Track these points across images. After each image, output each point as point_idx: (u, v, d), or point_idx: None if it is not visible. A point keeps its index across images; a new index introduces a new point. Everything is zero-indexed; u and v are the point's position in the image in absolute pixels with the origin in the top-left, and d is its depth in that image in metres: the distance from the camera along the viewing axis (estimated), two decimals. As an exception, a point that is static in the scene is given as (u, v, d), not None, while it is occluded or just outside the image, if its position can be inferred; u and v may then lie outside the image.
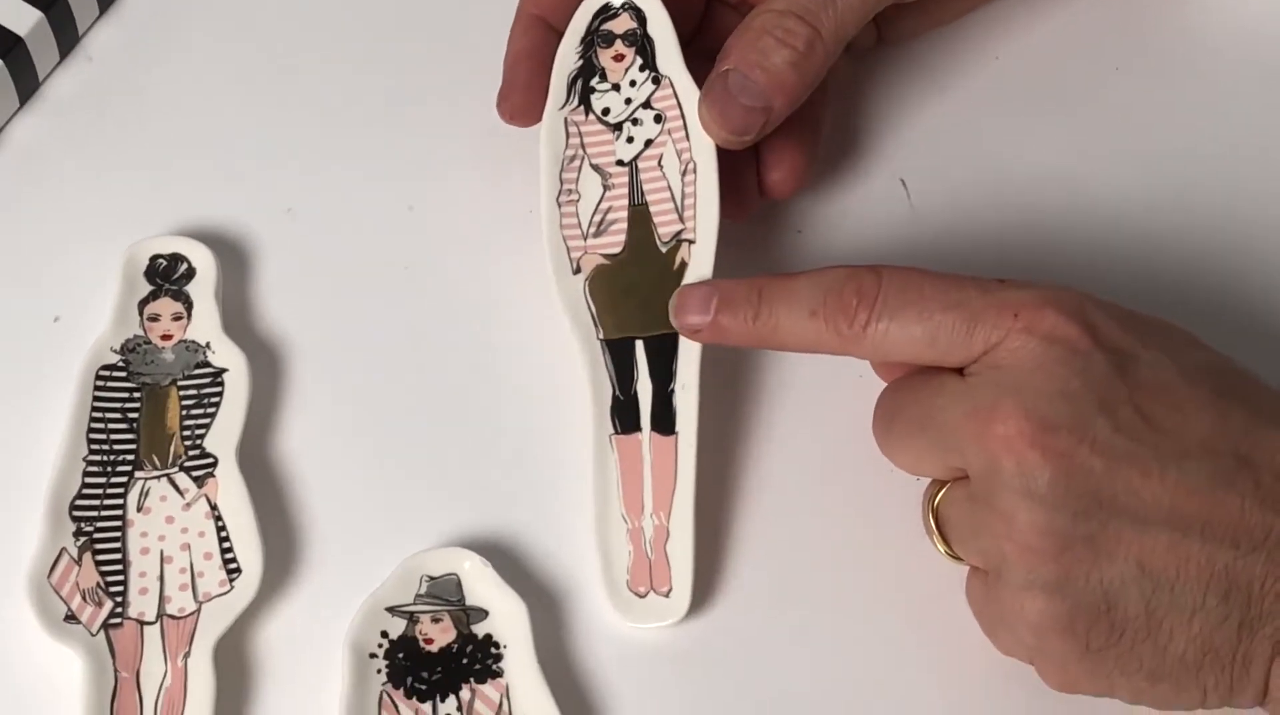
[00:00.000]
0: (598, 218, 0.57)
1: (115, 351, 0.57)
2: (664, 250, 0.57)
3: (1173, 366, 0.47)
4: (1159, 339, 0.48)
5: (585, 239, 0.57)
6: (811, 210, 0.62)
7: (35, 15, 0.62)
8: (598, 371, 0.55)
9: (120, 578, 0.53)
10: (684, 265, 0.56)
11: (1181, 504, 0.45)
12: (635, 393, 0.55)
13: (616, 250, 0.57)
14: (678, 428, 0.54)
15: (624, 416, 0.55)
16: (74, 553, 0.53)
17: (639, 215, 0.57)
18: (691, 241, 0.56)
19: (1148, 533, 0.45)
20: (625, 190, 0.58)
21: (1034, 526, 0.46)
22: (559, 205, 0.57)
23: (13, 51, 0.61)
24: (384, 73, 0.65)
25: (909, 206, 0.61)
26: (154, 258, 0.59)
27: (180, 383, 0.57)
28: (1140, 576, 0.45)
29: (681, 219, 0.57)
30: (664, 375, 0.55)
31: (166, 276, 0.59)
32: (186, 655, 0.52)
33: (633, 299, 0.56)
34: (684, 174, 0.57)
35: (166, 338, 0.57)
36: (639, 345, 0.56)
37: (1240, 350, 0.51)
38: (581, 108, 0.58)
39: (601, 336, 0.56)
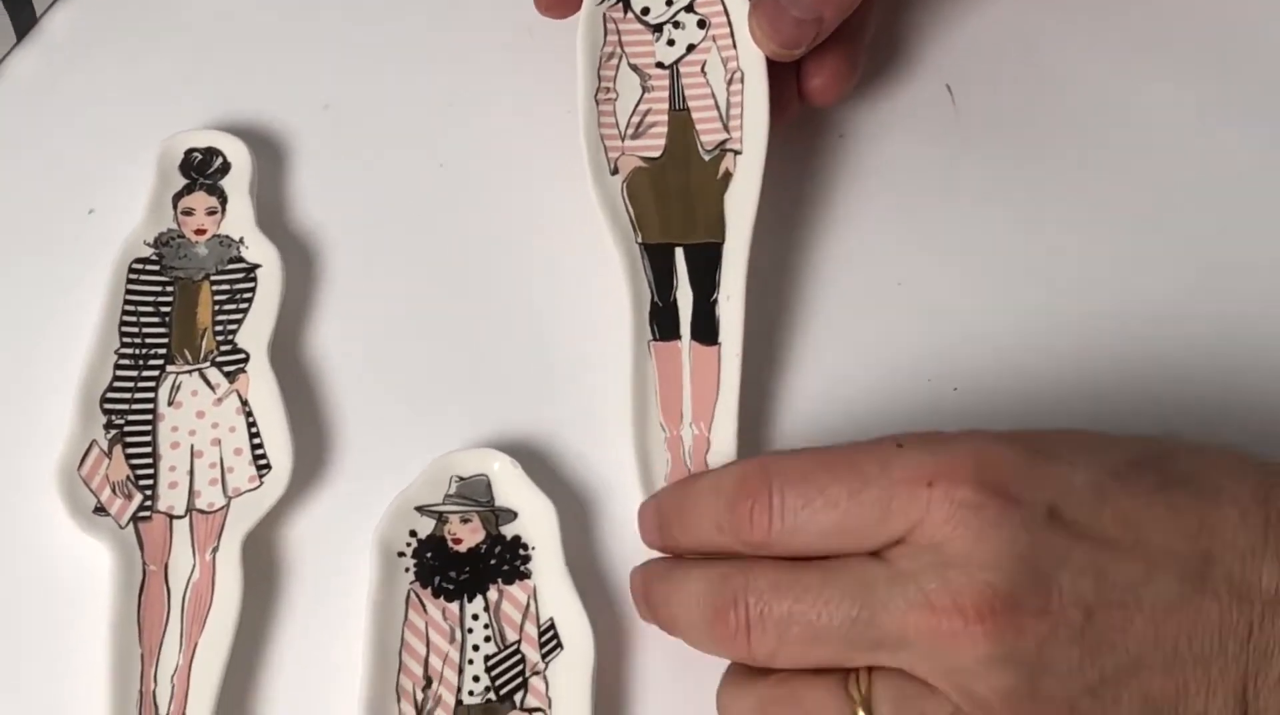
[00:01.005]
0: (636, 119, 0.56)
1: (148, 245, 0.57)
2: (706, 159, 0.55)
3: (1106, 480, 0.45)
4: (1075, 456, 0.45)
5: (623, 140, 0.56)
6: (855, 115, 0.61)
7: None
8: (636, 276, 0.54)
9: (150, 471, 0.53)
10: (728, 176, 0.55)
11: (1165, 629, 0.43)
12: (675, 300, 0.54)
13: (655, 154, 0.56)
14: (721, 338, 0.53)
15: (663, 323, 0.54)
16: (104, 445, 0.53)
17: (680, 121, 0.56)
18: (738, 152, 0.55)
19: (1142, 672, 0.43)
20: (666, 94, 0.56)
21: (1035, 702, 0.44)
22: (596, 103, 0.56)
23: (49, -59, 0.60)
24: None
25: (953, 112, 0.60)
26: (189, 152, 0.59)
27: (213, 278, 0.56)
28: (1146, 709, 0.44)
29: (726, 128, 0.55)
30: (705, 285, 0.54)
31: (201, 170, 0.58)
32: (215, 550, 0.52)
33: (673, 205, 0.55)
34: (729, 82, 0.56)
35: (200, 232, 0.57)
36: (679, 252, 0.55)
37: None
38: (620, 4, 0.57)
39: (640, 240, 0.54)
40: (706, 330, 0.54)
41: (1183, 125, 0.60)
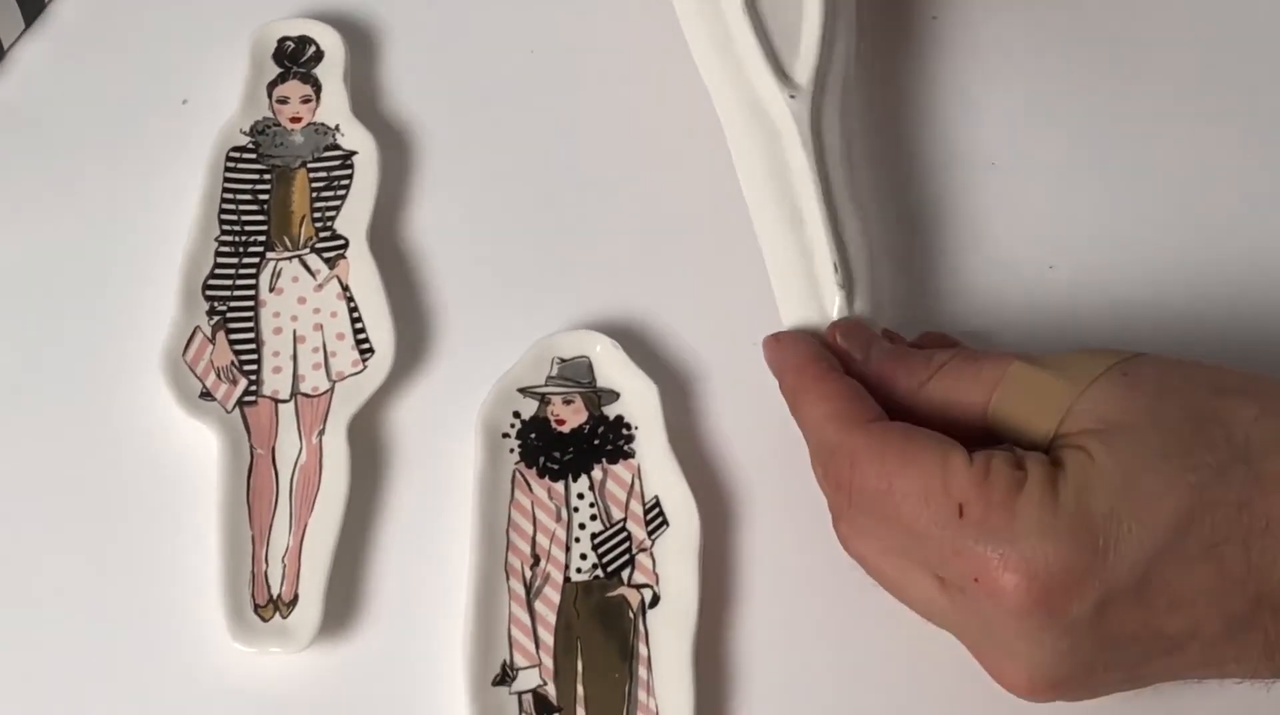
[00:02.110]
0: None
1: (244, 134, 0.58)
2: None
3: (1150, 563, 0.46)
4: (1123, 520, 0.46)
5: None
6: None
7: None
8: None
9: (253, 356, 0.54)
10: None
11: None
12: None
13: None
14: None
15: None
16: (207, 332, 0.54)
17: None
18: None
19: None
20: None
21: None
22: None
23: None
24: None
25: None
26: (282, 40, 0.60)
27: (310, 165, 0.57)
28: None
29: None
30: None
31: (294, 59, 0.59)
32: (321, 432, 0.53)
33: None
34: None
35: (295, 120, 0.58)
36: None
37: None
38: None
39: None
40: None
41: None
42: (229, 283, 0.55)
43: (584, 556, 0.52)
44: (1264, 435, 0.47)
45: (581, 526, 0.52)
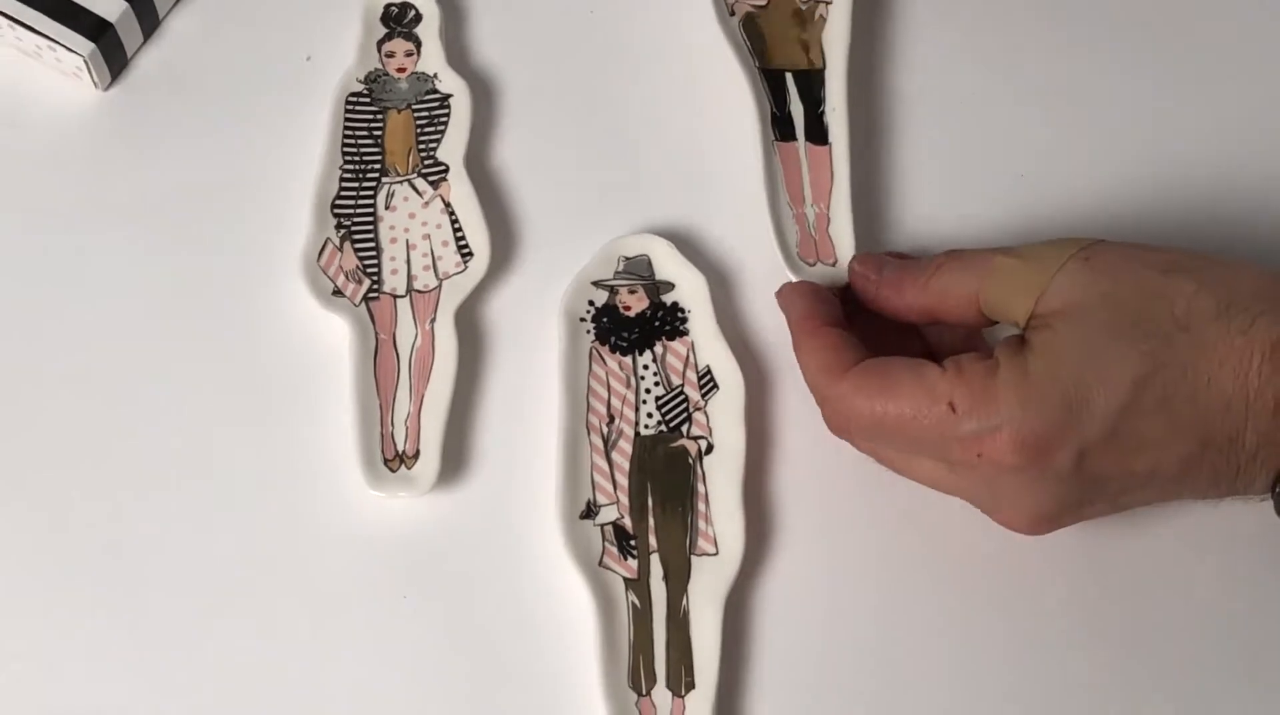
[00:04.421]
0: None
1: (359, 82, 0.62)
2: (804, 8, 0.62)
3: (1116, 417, 0.49)
4: (1093, 386, 0.49)
5: None
6: None
7: None
8: (759, 92, 0.60)
9: (375, 261, 0.58)
10: (821, 20, 0.61)
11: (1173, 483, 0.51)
12: (789, 112, 0.60)
13: (763, 3, 0.62)
14: (830, 140, 0.60)
15: (782, 128, 0.60)
16: (336, 242, 0.58)
17: None
18: (829, 1, 0.62)
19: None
20: None
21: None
22: None
23: None
24: None
25: None
26: (388, 5, 0.64)
27: (414, 106, 0.61)
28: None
29: None
30: (812, 100, 0.60)
31: (399, 20, 0.63)
32: (433, 321, 0.57)
33: (781, 42, 0.62)
34: None
35: (401, 70, 0.62)
36: (789, 78, 0.61)
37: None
38: None
39: (758, 65, 0.61)
40: (817, 134, 0.60)
41: None
42: (351, 203, 0.59)
43: (650, 415, 0.56)
44: (1201, 307, 0.49)
45: (647, 391, 0.56)
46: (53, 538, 0.55)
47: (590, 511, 0.54)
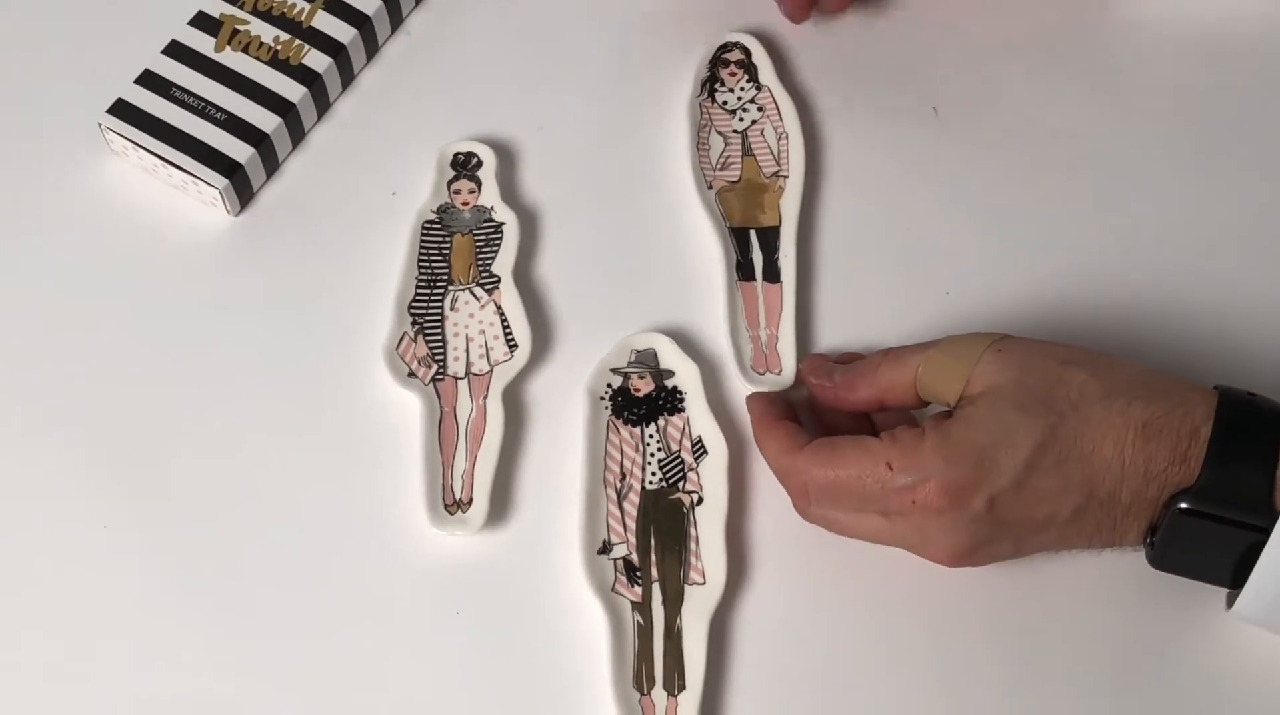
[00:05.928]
0: (720, 159, 0.73)
1: (433, 212, 0.69)
2: (765, 181, 0.71)
3: (1024, 473, 0.53)
4: (1002, 453, 0.54)
5: (714, 171, 0.72)
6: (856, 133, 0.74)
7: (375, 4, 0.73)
8: (726, 245, 0.69)
9: (441, 350, 0.65)
10: (780, 189, 0.70)
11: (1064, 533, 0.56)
12: (750, 259, 0.69)
13: (735, 179, 0.72)
14: (781, 279, 0.68)
15: (744, 271, 0.69)
16: (411, 335, 0.65)
17: (749, 161, 0.72)
18: (786, 176, 0.71)
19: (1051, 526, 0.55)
20: (739, 146, 0.72)
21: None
22: (697, 152, 0.72)
23: (365, 25, 0.72)
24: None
25: (937, 121, 0.73)
26: (456, 154, 0.71)
27: (475, 231, 0.69)
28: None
29: (778, 163, 0.71)
30: (770, 249, 0.69)
31: (464, 166, 0.71)
32: (485, 397, 0.64)
33: (747, 208, 0.70)
34: (779, 140, 0.72)
35: (465, 204, 0.69)
36: (752, 233, 0.70)
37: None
38: (709, 98, 0.73)
39: (728, 225, 0.70)
40: (771, 274, 0.69)
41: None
42: (424, 305, 0.66)
43: (654, 474, 0.62)
44: (1090, 391, 0.55)
45: (652, 455, 0.63)
46: (183, 562, 0.61)
47: (605, 548, 0.60)
